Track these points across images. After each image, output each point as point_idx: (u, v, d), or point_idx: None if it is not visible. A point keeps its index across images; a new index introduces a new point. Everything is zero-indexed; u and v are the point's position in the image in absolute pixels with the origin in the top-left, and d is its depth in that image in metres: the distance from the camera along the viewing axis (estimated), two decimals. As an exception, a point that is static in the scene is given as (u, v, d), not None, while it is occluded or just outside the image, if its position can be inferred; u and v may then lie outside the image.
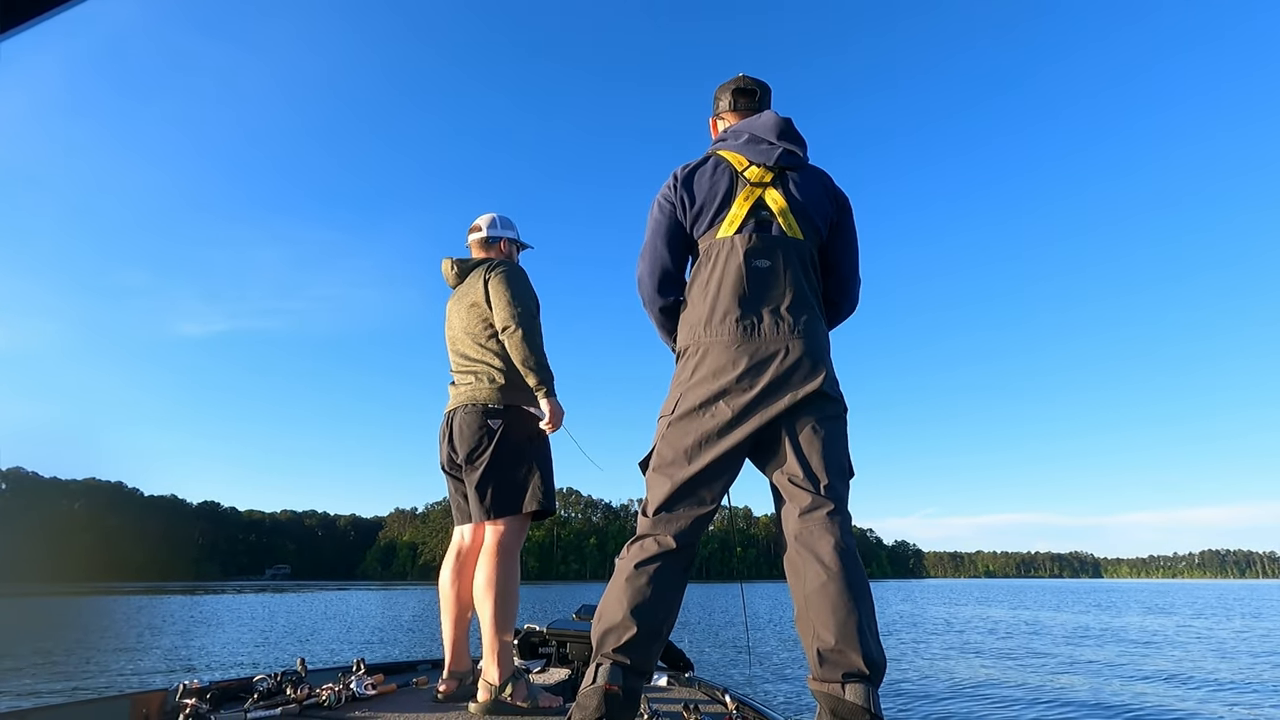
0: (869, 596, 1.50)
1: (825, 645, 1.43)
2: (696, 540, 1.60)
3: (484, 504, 2.28)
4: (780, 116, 1.86)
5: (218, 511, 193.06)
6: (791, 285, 1.69)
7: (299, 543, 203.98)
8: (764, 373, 1.60)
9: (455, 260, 2.64)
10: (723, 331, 1.66)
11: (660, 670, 3.03)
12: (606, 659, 1.46)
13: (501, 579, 2.22)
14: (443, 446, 2.44)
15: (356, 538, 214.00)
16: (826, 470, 1.58)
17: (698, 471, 1.59)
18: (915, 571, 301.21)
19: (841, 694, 1.41)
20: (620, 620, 1.47)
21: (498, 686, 2.14)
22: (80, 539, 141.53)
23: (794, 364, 1.61)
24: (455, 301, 2.60)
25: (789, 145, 1.81)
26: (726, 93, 2.01)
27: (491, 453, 2.30)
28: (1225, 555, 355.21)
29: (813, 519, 1.54)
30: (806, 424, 1.60)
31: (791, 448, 1.60)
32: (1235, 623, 19.49)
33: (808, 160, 1.85)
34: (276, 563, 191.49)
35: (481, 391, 2.38)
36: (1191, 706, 7.02)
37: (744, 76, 2.02)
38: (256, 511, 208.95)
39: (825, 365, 1.65)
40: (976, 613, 24.90)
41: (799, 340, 1.63)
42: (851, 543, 1.53)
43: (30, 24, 0.49)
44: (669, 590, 1.53)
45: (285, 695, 2.15)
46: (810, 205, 1.77)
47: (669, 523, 1.57)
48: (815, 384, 1.60)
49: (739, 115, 1.98)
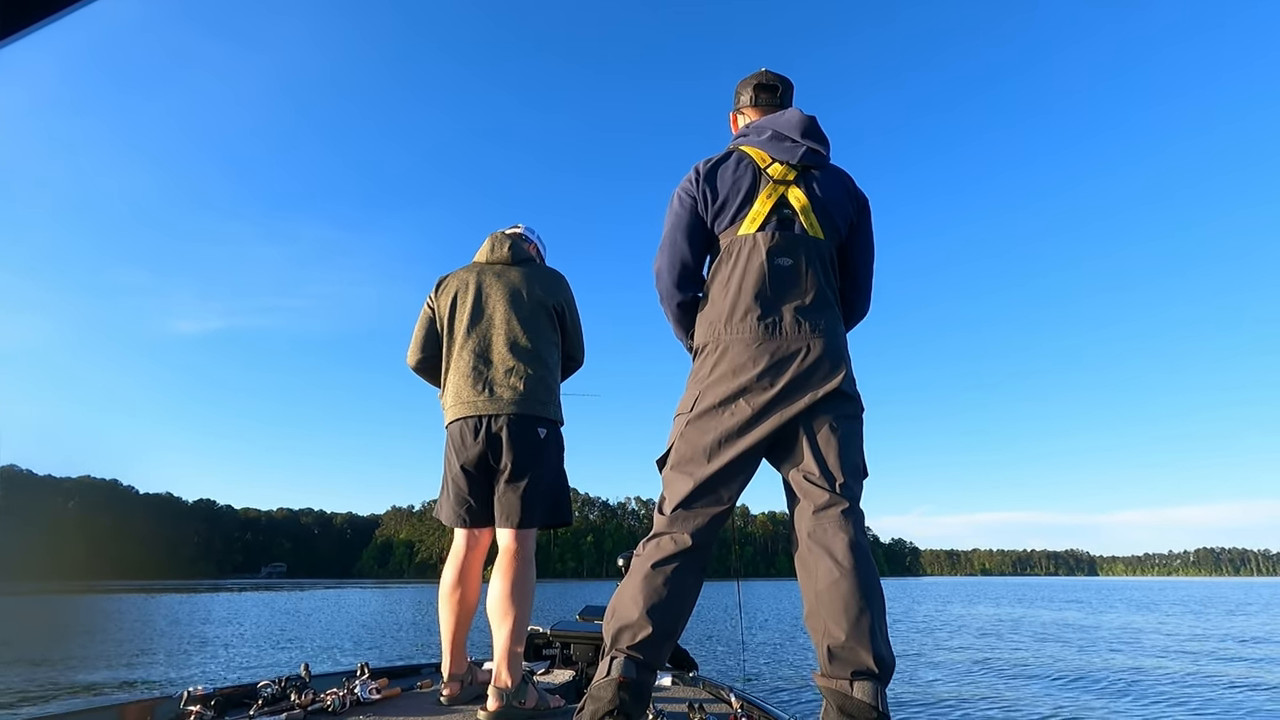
0: (880, 596, 1.49)
1: (835, 642, 1.43)
2: (713, 538, 1.60)
3: (520, 512, 2.22)
4: (804, 114, 1.83)
5: (213, 509, 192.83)
6: (813, 285, 1.68)
7: (295, 541, 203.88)
8: (785, 371, 1.60)
9: (511, 238, 2.48)
10: (744, 329, 1.64)
11: (665, 670, 2.98)
12: (620, 653, 1.47)
13: (523, 589, 2.18)
14: (473, 446, 2.24)
15: (353, 536, 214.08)
16: (842, 469, 1.57)
17: (717, 470, 1.58)
18: (912, 569, 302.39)
19: (850, 691, 1.41)
20: (636, 618, 1.47)
21: (511, 692, 2.11)
22: (74, 537, 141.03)
23: (815, 363, 1.61)
24: (496, 282, 2.38)
25: (812, 144, 1.78)
26: (748, 88, 1.97)
27: (540, 463, 2.25)
28: (1220, 553, 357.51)
29: (827, 516, 1.53)
30: (824, 422, 1.60)
31: (809, 445, 1.59)
32: (1208, 621, 19.53)
33: (830, 159, 1.83)
34: (272, 561, 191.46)
35: (531, 404, 2.25)
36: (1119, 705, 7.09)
37: (766, 71, 1.98)
38: (252, 509, 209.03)
39: (845, 365, 1.65)
40: (963, 610, 24.96)
41: (820, 339, 1.63)
42: (865, 541, 1.53)
43: (34, 28, 0.49)
44: (684, 589, 1.53)
45: (290, 701, 2.15)
46: (832, 205, 1.76)
47: (686, 521, 1.57)
48: (835, 383, 1.60)
49: (761, 111, 1.94)
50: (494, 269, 2.42)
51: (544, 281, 2.39)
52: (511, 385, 2.25)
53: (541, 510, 2.26)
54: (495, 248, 2.45)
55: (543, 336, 2.34)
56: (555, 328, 2.40)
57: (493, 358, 2.30)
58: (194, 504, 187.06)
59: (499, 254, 2.44)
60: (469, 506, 2.30)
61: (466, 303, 2.36)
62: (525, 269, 2.42)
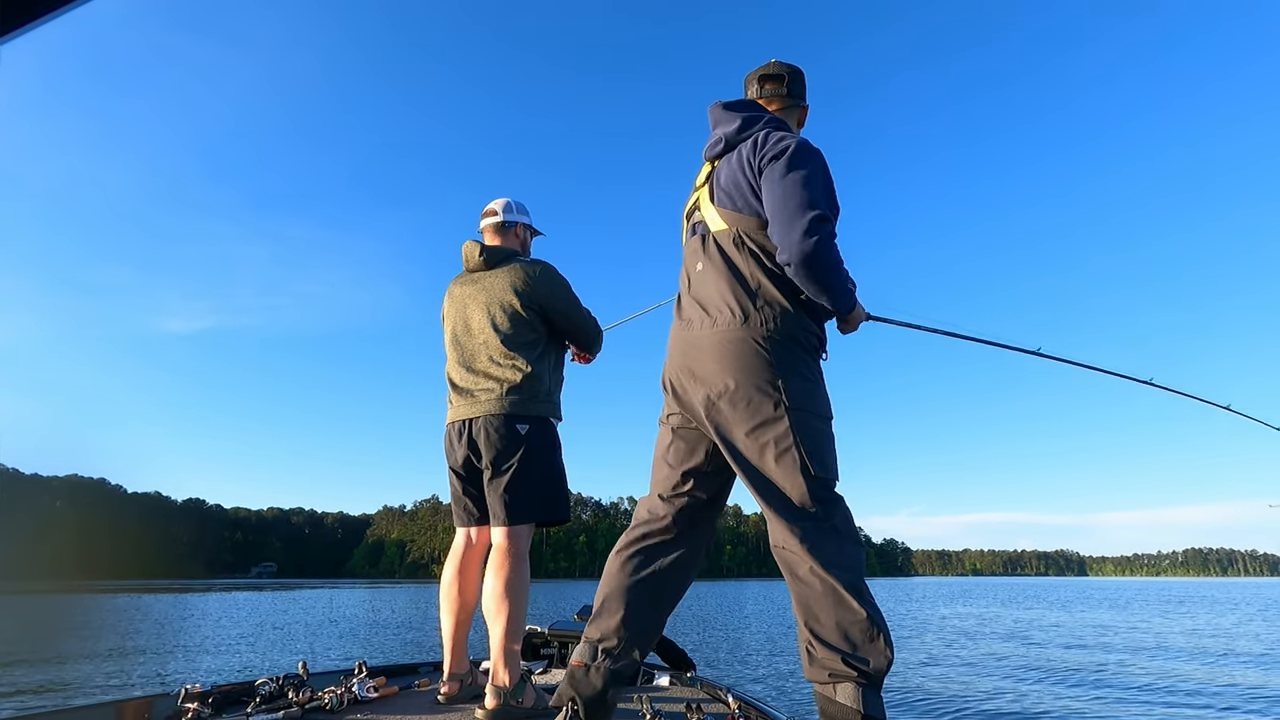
0: (870, 597, 1.47)
1: (812, 643, 1.42)
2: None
3: (507, 509, 2.25)
4: (722, 102, 1.81)
5: (203, 509, 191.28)
6: (719, 281, 1.68)
7: (285, 540, 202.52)
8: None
9: (482, 245, 2.48)
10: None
11: (662, 670, 2.99)
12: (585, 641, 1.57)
13: (516, 586, 2.20)
14: (458, 449, 2.35)
15: (344, 535, 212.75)
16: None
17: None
18: (904, 570, 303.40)
19: (833, 695, 1.39)
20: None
21: (509, 691, 2.12)
22: (62, 537, 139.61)
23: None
24: (473, 290, 2.43)
25: (721, 130, 1.78)
26: (752, 81, 1.91)
27: (520, 459, 2.26)
28: (1208, 553, 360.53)
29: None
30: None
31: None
32: (1174, 622, 19.54)
33: (743, 136, 1.75)
34: (262, 560, 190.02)
35: (508, 402, 2.29)
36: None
37: (774, 62, 1.91)
38: (242, 509, 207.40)
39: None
40: (952, 610, 25.09)
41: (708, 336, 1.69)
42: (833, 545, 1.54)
43: (30, 27, 0.48)
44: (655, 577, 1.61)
45: (287, 699, 2.15)
46: (730, 187, 1.72)
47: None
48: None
49: (769, 103, 1.89)
50: (471, 278, 2.47)
51: (519, 282, 2.37)
52: (488, 388, 2.31)
53: (529, 506, 2.27)
54: (469, 257, 2.48)
55: (520, 338, 2.35)
56: (536, 326, 2.39)
57: (474, 365, 2.37)
58: (183, 503, 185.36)
59: (473, 262, 2.47)
60: (465, 506, 2.41)
61: (450, 316, 2.48)
62: (500, 272, 2.41)
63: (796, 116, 1.91)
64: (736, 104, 1.79)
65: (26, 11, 0.48)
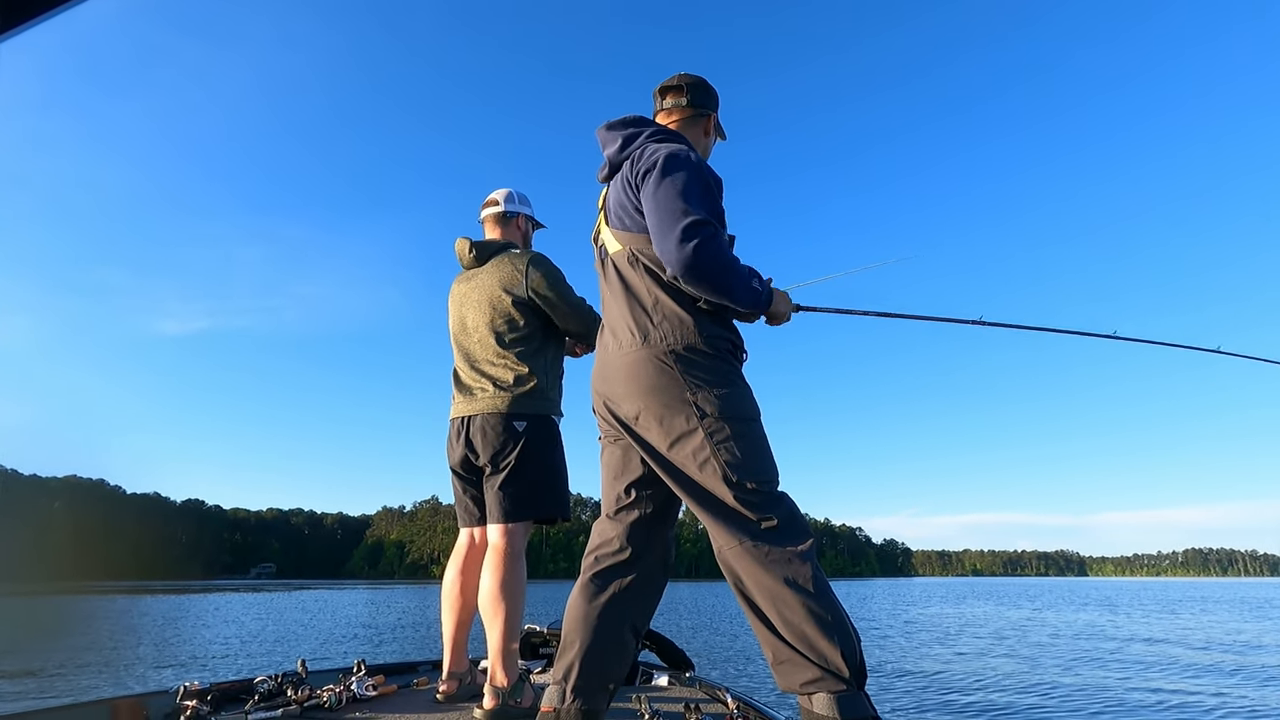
0: (827, 596, 1.42)
1: (776, 653, 1.40)
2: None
3: (503, 506, 2.24)
4: (611, 122, 1.78)
5: (202, 509, 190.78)
6: (619, 303, 1.69)
7: (285, 541, 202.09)
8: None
9: (473, 241, 2.47)
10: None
11: (661, 670, 2.98)
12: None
13: (512, 586, 2.19)
14: (456, 448, 2.35)
15: (343, 536, 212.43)
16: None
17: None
18: (904, 570, 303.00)
19: (810, 705, 1.37)
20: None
21: (507, 691, 2.12)
22: (60, 538, 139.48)
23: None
24: (468, 288, 2.43)
25: (609, 152, 1.76)
26: (655, 96, 1.89)
27: (517, 456, 2.26)
28: (1208, 554, 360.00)
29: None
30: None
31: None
32: (1164, 622, 19.56)
33: (623, 155, 1.73)
34: (262, 561, 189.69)
35: (504, 401, 2.28)
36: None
37: (678, 74, 1.87)
38: (241, 510, 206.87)
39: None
40: (943, 610, 25.05)
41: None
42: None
43: (22, 28, 0.49)
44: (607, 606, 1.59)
45: (286, 697, 2.15)
46: (617, 207, 1.72)
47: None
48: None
49: (666, 116, 1.89)
50: (467, 275, 2.48)
51: (507, 277, 2.36)
52: (483, 386, 2.32)
53: (526, 503, 2.25)
54: (461, 255, 2.50)
55: (514, 335, 2.34)
56: (532, 319, 2.37)
57: (474, 364, 2.38)
58: (182, 504, 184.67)
59: (466, 260, 2.48)
60: (465, 505, 2.41)
61: (450, 315, 2.50)
62: (490, 268, 2.41)
63: (702, 125, 1.86)
64: (619, 122, 1.76)
65: (20, 13, 0.48)
